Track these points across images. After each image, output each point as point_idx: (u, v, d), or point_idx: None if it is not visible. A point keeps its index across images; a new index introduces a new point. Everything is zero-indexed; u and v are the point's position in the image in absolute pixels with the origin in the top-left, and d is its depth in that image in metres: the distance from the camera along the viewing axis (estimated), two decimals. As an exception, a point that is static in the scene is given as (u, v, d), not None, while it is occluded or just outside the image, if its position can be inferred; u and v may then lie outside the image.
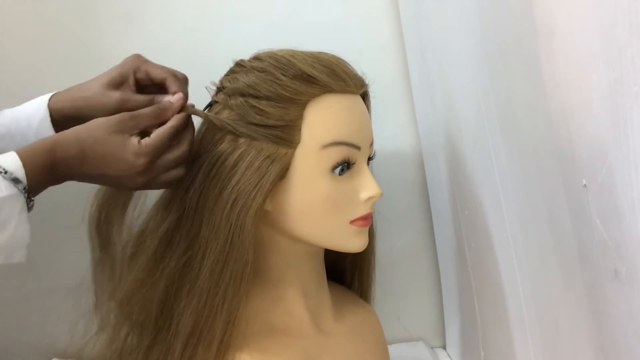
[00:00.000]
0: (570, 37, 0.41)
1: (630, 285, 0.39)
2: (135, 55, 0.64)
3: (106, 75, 0.63)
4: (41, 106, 0.64)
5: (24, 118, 0.64)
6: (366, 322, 0.72)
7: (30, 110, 0.64)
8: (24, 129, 0.64)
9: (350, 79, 0.58)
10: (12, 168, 0.52)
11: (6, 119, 0.66)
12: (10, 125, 0.65)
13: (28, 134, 0.64)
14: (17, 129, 0.65)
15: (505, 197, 0.61)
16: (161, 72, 0.63)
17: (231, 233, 0.55)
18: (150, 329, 0.59)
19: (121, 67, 0.64)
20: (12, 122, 0.65)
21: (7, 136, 0.65)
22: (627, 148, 0.36)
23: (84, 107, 0.63)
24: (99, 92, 0.62)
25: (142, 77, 0.63)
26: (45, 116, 0.63)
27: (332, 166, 0.57)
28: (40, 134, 0.63)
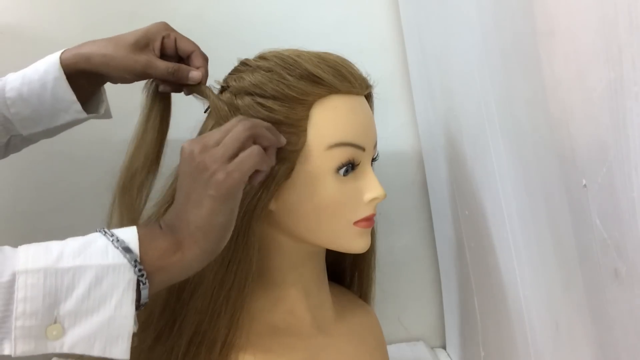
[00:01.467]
0: (570, 37, 0.41)
1: (630, 285, 0.39)
2: (163, 22, 0.64)
3: (131, 36, 0.61)
4: (53, 64, 0.61)
5: (36, 79, 0.62)
6: (366, 322, 0.72)
7: (41, 70, 0.62)
8: (38, 90, 0.62)
9: (355, 80, 0.59)
10: (124, 237, 0.45)
11: (15, 82, 0.63)
12: (21, 88, 0.62)
13: (43, 94, 0.62)
14: (30, 91, 0.62)
15: (505, 197, 0.61)
16: (190, 45, 0.63)
17: (236, 233, 0.55)
18: (152, 328, 0.59)
19: (147, 30, 0.62)
20: (23, 85, 0.62)
21: (19, 100, 0.63)
22: (627, 148, 0.36)
23: (101, 64, 0.60)
24: (122, 53, 0.60)
25: (171, 44, 0.62)
26: (60, 74, 0.61)
27: (337, 167, 0.57)
28: (57, 93, 0.61)
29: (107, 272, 0.43)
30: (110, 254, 0.44)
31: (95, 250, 0.44)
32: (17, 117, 0.63)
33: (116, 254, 0.44)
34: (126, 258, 0.44)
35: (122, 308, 0.44)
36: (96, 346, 0.43)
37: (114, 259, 0.44)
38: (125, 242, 0.45)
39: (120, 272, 0.44)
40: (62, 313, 0.42)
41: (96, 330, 0.43)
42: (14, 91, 0.62)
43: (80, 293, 0.43)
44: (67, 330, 0.43)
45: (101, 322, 0.43)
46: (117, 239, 0.45)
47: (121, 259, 0.44)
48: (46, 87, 0.61)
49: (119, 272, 0.44)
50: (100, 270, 0.43)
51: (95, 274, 0.43)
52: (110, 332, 0.44)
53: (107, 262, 0.44)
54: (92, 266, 0.43)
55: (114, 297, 0.43)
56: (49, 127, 0.65)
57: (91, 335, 0.43)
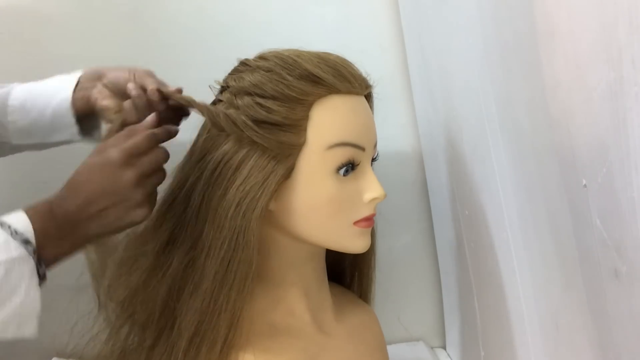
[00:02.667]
0: (570, 37, 0.41)
1: (630, 285, 0.39)
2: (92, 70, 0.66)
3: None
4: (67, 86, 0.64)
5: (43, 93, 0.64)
6: (366, 322, 0.72)
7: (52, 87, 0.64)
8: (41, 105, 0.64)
9: (355, 80, 0.59)
10: (20, 227, 0.49)
11: (21, 92, 0.65)
12: (25, 99, 0.64)
13: (45, 110, 0.64)
14: (33, 104, 0.64)
15: (505, 197, 0.61)
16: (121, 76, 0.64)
17: (236, 233, 0.55)
18: (152, 328, 0.59)
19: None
20: (28, 97, 0.64)
21: (20, 110, 0.64)
22: (627, 148, 0.36)
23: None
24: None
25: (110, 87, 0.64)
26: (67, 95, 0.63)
27: (337, 167, 0.57)
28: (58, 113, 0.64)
29: (13, 265, 0.48)
30: (12, 247, 0.48)
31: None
32: (14, 125, 0.65)
33: (17, 246, 0.48)
34: (27, 250, 0.48)
35: (30, 293, 0.49)
36: (10, 330, 0.48)
37: (17, 251, 0.48)
38: (24, 234, 0.49)
39: (24, 262, 0.48)
40: None
41: (9, 317, 0.48)
42: (18, 100, 0.64)
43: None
44: None
45: (14, 309, 0.48)
46: (15, 231, 0.49)
47: (22, 251, 0.48)
48: (50, 104, 0.64)
49: (22, 263, 0.48)
50: (8, 264, 0.47)
51: (5, 269, 0.47)
52: (22, 316, 0.48)
53: (12, 256, 0.47)
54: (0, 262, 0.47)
55: (23, 285, 0.48)
56: (42, 141, 0.67)
57: (5, 321, 0.48)
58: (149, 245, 0.60)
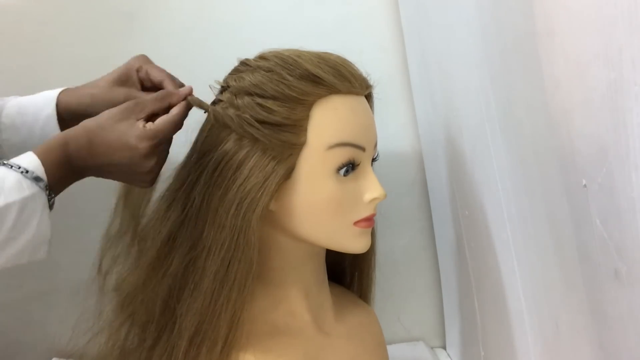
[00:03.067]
0: (570, 37, 0.41)
1: (630, 285, 0.39)
2: (141, 55, 0.66)
3: (113, 73, 0.65)
4: (50, 102, 0.65)
5: (31, 112, 0.65)
6: (366, 323, 0.72)
7: (38, 104, 0.65)
8: (30, 122, 0.65)
9: (355, 80, 0.59)
10: (31, 167, 0.52)
11: (12, 109, 0.66)
12: (16, 117, 0.65)
13: (34, 127, 0.65)
14: (22, 122, 0.65)
15: (505, 197, 0.61)
16: (159, 74, 0.64)
17: (236, 233, 0.55)
18: (152, 328, 0.59)
19: (126, 65, 0.65)
20: (18, 114, 0.66)
21: (12, 127, 0.66)
22: (627, 148, 0.36)
23: (90, 104, 0.64)
24: (105, 89, 0.64)
25: (143, 76, 0.64)
26: (52, 112, 0.64)
27: (337, 167, 0.57)
28: (46, 129, 0.64)
29: (26, 203, 0.51)
30: (25, 186, 0.51)
31: (10, 185, 0.51)
32: (7, 143, 0.67)
33: (30, 185, 0.51)
34: (39, 186, 0.52)
35: (42, 225, 0.52)
36: (24, 257, 0.52)
37: (29, 190, 0.51)
38: (35, 172, 0.52)
39: (36, 199, 0.52)
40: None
41: (24, 247, 0.52)
42: (9, 118, 0.66)
43: (9, 225, 0.50)
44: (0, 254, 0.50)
45: (27, 240, 0.52)
46: (25, 170, 0.52)
47: (35, 189, 0.52)
48: (37, 121, 0.65)
49: (35, 200, 0.52)
50: (21, 203, 0.51)
51: (18, 207, 0.50)
52: (35, 244, 0.52)
53: (25, 195, 0.51)
54: (15, 202, 0.50)
55: (35, 219, 0.52)
56: None
57: (20, 251, 0.52)
58: (149, 244, 0.60)
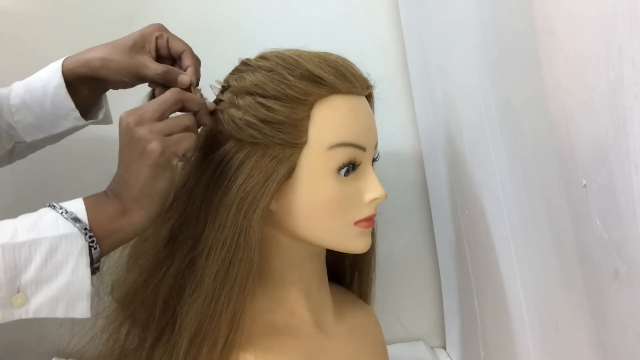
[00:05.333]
0: (570, 37, 0.41)
1: (630, 285, 0.39)
2: (158, 23, 0.64)
3: (128, 39, 0.62)
4: (55, 71, 0.63)
5: (39, 86, 0.63)
6: (366, 323, 0.72)
7: (44, 77, 0.64)
8: (39, 97, 0.64)
9: (356, 80, 0.59)
10: (72, 208, 0.50)
11: (19, 90, 0.65)
12: (24, 95, 0.64)
13: (44, 101, 0.63)
14: (32, 98, 0.64)
15: (505, 197, 0.61)
16: (180, 45, 0.63)
17: (237, 233, 0.55)
18: (153, 328, 0.59)
19: (142, 32, 0.63)
20: (26, 92, 0.64)
21: (22, 107, 0.65)
22: (627, 148, 0.36)
23: (100, 67, 0.61)
24: (119, 55, 0.61)
25: (163, 44, 0.63)
26: (60, 81, 0.62)
27: (338, 167, 0.57)
28: (57, 101, 0.63)
29: (60, 242, 0.48)
30: (61, 225, 0.48)
31: (46, 223, 0.48)
32: (21, 124, 0.65)
33: (66, 224, 0.48)
34: (76, 227, 0.49)
35: (78, 272, 0.48)
36: (59, 309, 0.48)
37: (64, 229, 0.48)
38: (74, 213, 0.49)
39: (72, 240, 0.48)
40: (23, 283, 0.47)
41: (57, 294, 0.48)
42: (18, 98, 0.64)
43: (38, 263, 0.47)
44: (31, 298, 0.47)
45: (60, 287, 0.48)
46: (65, 210, 0.49)
47: (72, 229, 0.48)
48: (47, 94, 0.63)
49: (71, 241, 0.48)
50: (54, 241, 0.48)
51: (50, 244, 0.47)
52: (70, 294, 0.48)
53: (59, 233, 0.48)
54: (46, 238, 0.47)
55: (70, 263, 0.48)
56: (51, 133, 0.66)
57: (53, 299, 0.48)
58: (150, 244, 0.60)
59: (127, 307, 0.61)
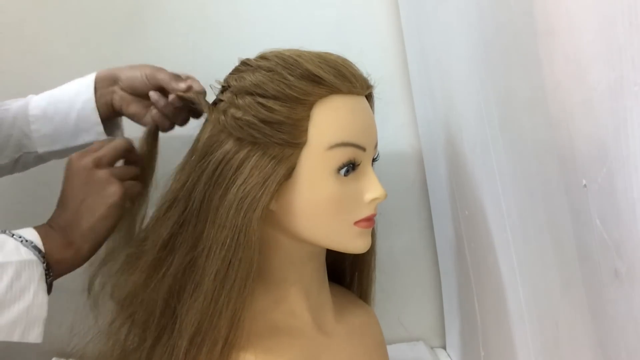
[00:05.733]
0: (570, 37, 0.41)
1: (630, 285, 0.39)
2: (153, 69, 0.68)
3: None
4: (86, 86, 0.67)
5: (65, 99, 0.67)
6: (366, 323, 0.72)
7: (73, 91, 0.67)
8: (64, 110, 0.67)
9: (356, 80, 0.59)
10: (30, 237, 0.53)
11: (41, 101, 0.68)
12: (47, 107, 0.67)
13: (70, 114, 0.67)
14: (55, 110, 0.67)
15: (505, 197, 0.61)
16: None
17: (237, 233, 0.55)
18: (153, 328, 0.59)
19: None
20: (49, 104, 0.67)
21: (42, 117, 0.67)
22: (627, 148, 0.36)
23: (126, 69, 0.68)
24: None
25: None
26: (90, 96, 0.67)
27: (337, 167, 0.57)
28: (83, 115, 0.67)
29: (24, 267, 0.51)
30: (23, 251, 0.52)
31: (9, 249, 0.51)
32: (37, 133, 0.68)
33: (27, 251, 0.52)
34: (36, 255, 0.52)
35: (38, 297, 0.51)
36: (16, 332, 0.51)
37: (27, 255, 0.51)
38: (33, 242, 0.53)
39: (34, 266, 0.52)
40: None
41: (17, 318, 0.50)
42: (39, 109, 0.68)
43: (4, 286, 0.49)
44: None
45: (21, 310, 0.50)
46: (25, 239, 0.53)
47: (32, 256, 0.52)
48: (74, 107, 0.67)
49: (32, 267, 0.51)
50: (19, 266, 0.51)
51: (15, 269, 0.50)
52: (29, 319, 0.51)
53: (22, 258, 0.51)
54: (12, 262, 0.50)
55: (32, 288, 0.51)
56: (68, 146, 0.69)
57: (13, 322, 0.50)
58: (150, 244, 0.60)
59: (128, 307, 0.61)
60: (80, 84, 0.68)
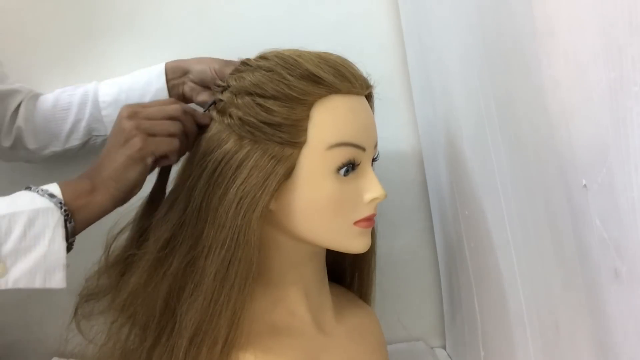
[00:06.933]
0: (570, 37, 0.41)
1: (630, 285, 0.39)
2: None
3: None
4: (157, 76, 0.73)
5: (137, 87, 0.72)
6: (366, 323, 0.72)
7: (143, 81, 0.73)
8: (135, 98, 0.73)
9: (356, 80, 0.59)
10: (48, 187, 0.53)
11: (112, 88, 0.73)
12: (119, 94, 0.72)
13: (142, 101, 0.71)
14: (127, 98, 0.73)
15: (505, 197, 0.61)
16: None
17: (236, 233, 0.55)
18: (153, 328, 0.59)
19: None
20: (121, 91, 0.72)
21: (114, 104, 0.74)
22: (627, 148, 0.36)
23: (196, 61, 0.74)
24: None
25: None
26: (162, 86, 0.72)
27: (337, 167, 0.57)
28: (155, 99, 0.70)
29: (37, 215, 0.51)
30: (38, 200, 0.52)
31: (24, 200, 0.52)
32: (108, 118, 0.74)
33: (42, 200, 0.52)
34: (52, 201, 0.52)
35: (54, 243, 0.51)
36: (37, 279, 0.51)
37: (42, 204, 0.51)
38: (49, 190, 0.53)
39: (49, 213, 0.51)
40: (3, 253, 0.50)
41: (35, 264, 0.51)
42: (110, 96, 0.74)
43: (17, 235, 0.50)
44: (10, 268, 0.50)
45: (38, 257, 0.51)
46: (41, 189, 0.53)
47: (48, 203, 0.52)
48: (146, 96, 0.72)
49: (47, 214, 0.51)
50: (32, 214, 0.51)
51: (28, 217, 0.50)
52: (48, 265, 0.51)
53: (37, 207, 0.51)
54: (24, 211, 0.50)
55: (47, 234, 0.51)
56: None
57: (31, 269, 0.51)
58: (151, 245, 0.60)
59: (128, 307, 0.61)
60: (150, 74, 0.73)
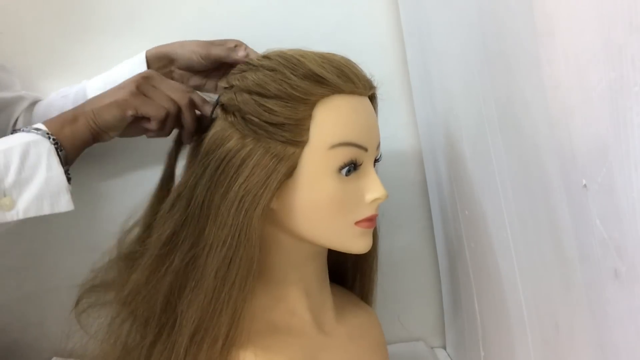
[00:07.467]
0: (570, 37, 0.41)
1: (630, 285, 0.39)
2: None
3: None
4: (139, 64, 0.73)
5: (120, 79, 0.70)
6: (366, 323, 0.72)
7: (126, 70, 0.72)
8: None
9: (359, 81, 0.59)
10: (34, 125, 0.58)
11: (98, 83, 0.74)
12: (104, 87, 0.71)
13: None
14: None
15: (505, 197, 0.61)
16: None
17: (238, 231, 0.55)
18: (153, 325, 0.59)
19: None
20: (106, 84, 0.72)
21: None
22: (627, 148, 0.36)
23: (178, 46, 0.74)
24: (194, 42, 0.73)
25: None
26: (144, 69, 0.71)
27: (339, 167, 0.57)
28: None
29: (29, 147, 0.55)
30: (26, 135, 0.56)
31: (13, 137, 0.56)
32: None
33: (30, 134, 0.56)
34: (39, 134, 0.57)
35: (52, 169, 0.56)
36: (45, 205, 0.56)
37: (30, 137, 0.56)
38: (35, 125, 0.58)
39: (39, 143, 0.56)
40: (7, 186, 0.54)
41: (39, 191, 0.55)
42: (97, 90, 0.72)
43: (15, 167, 0.54)
44: (17, 200, 0.54)
45: (41, 184, 0.55)
46: (27, 127, 0.58)
47: (35, 136, 0.56)
48: None
49: (38, 144, 0.56)
50: (24, 146, 0.55)
51: (22, 149, 0.55)
52: (51, 190, 0.56)
53: (27, 140, 0.55)
54: (16, 145, 0.55)
55: (42, 162, 0.55)
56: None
57: (37, 196, 0.55)
58: (153, 241, 0.60)
59: (129, 304, 0.61)
60: (132, 64, 0.73)
